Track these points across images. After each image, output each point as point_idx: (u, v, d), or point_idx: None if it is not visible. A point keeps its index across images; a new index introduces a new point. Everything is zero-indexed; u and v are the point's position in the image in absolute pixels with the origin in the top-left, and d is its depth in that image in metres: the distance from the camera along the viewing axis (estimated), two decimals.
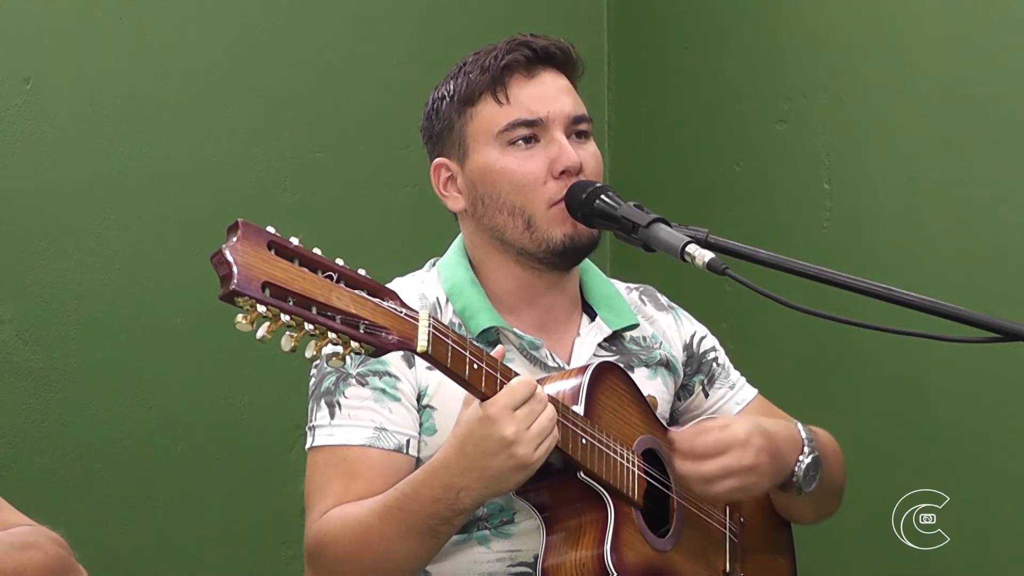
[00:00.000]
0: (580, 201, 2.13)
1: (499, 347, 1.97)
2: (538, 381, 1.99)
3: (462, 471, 1.91)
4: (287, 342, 1.68)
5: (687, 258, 1.98)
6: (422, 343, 1.80)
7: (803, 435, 2.22)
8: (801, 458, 2.19)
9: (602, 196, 2.12)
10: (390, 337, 1.76)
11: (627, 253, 2.33)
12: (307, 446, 2.15)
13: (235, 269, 1.62)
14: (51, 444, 2.99)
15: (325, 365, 2.14)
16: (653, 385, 2.28)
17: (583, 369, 2.09)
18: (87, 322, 3.05)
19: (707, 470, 2.08)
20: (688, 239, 2.00)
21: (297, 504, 2.21)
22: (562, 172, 2.15)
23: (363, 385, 2.11)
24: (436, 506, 1.95)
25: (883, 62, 3.20)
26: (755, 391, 2.43)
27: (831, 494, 2.35)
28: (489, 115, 2.18)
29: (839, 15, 3.31)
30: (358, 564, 2.02)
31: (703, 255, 1.96)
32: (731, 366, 2.43)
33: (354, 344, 1.72)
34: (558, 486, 2.03)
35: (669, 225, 2.06)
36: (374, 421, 2.10)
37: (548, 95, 2.19)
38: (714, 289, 2.84)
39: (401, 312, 1.78)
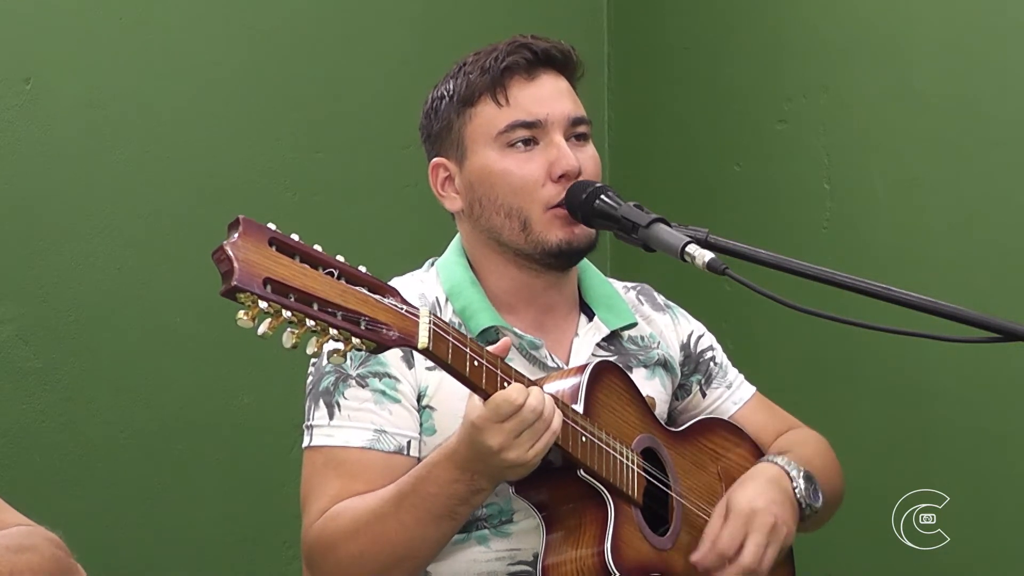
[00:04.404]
0: (580, 201, 2.12)
1: (504, 340, 1.96)
2: (537, 380, 1.99)
3: (472, 458, 1.92)
4: (288, 338, 1.68)
5: (687, 258, 1.98)
6: (423, 339, 1.79)
7: (776, 462, 2.21)
8: (794, 482, 2.19)
9: (602, 196, 2.11)
10: (391, 333, 1.75)
11: (627, 253, 2.33)
12: (304, 445, 2.14)
13: (236, 265, 1.61)
14: (51, 444, 3.00)
15: (324, 363, 2.14)
16: (651, 386, 2.27)
17: (582, 368, 2.09)
18: (87, 322, 3.05)
19: (747, 561, 2.09)
20: (688, 239, 1.99)
21: (298, 504, 2.21)
22: (561, 175, 2.15)
23: (363, 387, 2.11)
24: (455, 486, 1.95)
25: (883, 62, 3.20)
26: (753, 389, 2.43)
27: (835, 500, 2.34)
28: (488, 116, 2.17)
29: (839, 15, 3.31)
30: (373, 558, 2.00)
31: (703, 255, 1.96)
32: (729, 364, 2.43)
33: (355, 340, 1.72)
34: (558, 484, 2.02)
35: (669, 225, 2.05)
36: (374, 423, 2.10)
37: (548, 97, 2.18)
38: (714, 289, 2.84)
39: (402, 308, 1.78)
